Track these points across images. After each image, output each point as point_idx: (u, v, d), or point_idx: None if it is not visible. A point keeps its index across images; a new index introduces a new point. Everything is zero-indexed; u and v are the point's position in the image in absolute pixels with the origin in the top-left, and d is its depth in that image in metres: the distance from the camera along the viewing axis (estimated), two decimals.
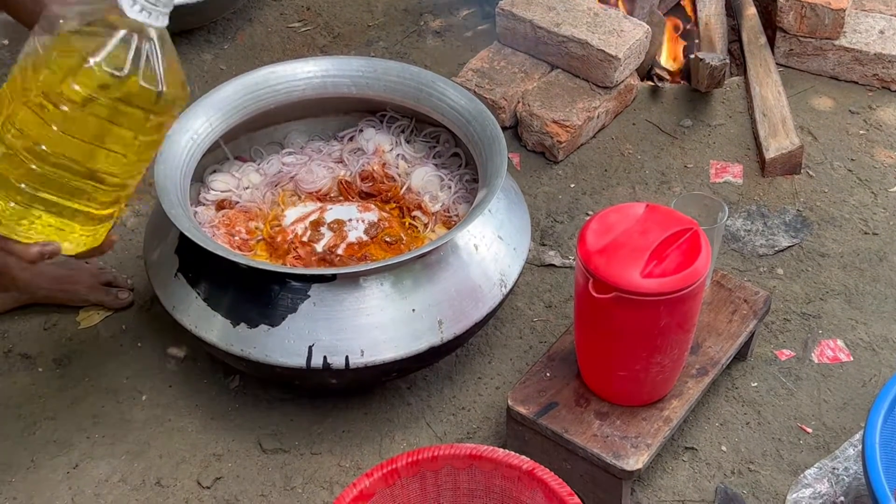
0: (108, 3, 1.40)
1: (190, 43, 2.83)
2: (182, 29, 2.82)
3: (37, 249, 1.47)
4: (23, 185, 1.44)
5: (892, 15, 2.77)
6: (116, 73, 1.38)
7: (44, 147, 1.41)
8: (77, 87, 1.38)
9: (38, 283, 2.07)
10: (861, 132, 2.58)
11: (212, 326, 1.77)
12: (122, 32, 1.38)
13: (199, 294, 1.79)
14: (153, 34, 1.41)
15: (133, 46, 1.39)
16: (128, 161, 1.48)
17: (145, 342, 2.06)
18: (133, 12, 1.37)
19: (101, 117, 1.41)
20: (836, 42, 2.69)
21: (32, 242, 1.47)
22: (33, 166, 1.42)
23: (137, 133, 1.45)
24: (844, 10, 2.65)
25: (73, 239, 1.52)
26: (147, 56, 1.40)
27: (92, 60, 1.37)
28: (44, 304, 2.10)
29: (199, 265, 1.81)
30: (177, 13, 2.70)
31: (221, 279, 1.79)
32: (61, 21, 1.40)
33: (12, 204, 1.45)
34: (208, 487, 1.82)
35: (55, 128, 1.40)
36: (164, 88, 1.43)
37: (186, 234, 1.74)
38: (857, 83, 2.71)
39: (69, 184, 1.45)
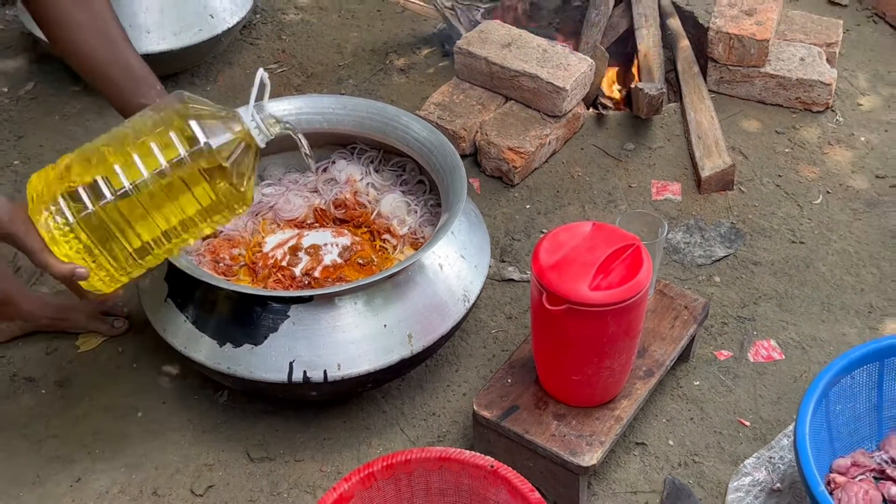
0: (230, 112, 1.52)
1: (176, 84, 2.82)
2: (168, 73, 2.81)
3: (70, 268, 1.47)
4: (72, 215, 1.46)
5: (811, 44, 2.79)
6: (224, 164, 1.47)
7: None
8: (186, 155, 1.46)
9: (40, 312, 2.05)
10: (786, 150, 2.60)
11: (200, 347, 1.76)
12: (240, 140, 1.50)
13: (187, 317, 1.78)
14: (256, 149, 1.53)
15: (241, 149, 1.50)
16: (181, 240, 1.54)
17: (140, 363, 2.05)
18: (254, 130, 1.52)
19: (180, 190, 1.47)
20: (762, 69, 2.71)
21: (68, 262, 1.47)
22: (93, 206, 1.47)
23: (205, 220, 1.53)
24: (768, 41, 2.68)
25: (94, 279, 1.52)
26: (245, 162, 1.51)
27: (206, 143, 1.46)
28: (45, 332, 2.08)
29: (186, 291, 1.80)
30: (163, 58, 2.73)
31: (208, 303, 1.78)
32: (191, 106, 1.49)
33: (60, 221, 1.46)
34: (201, 495, 1.81)
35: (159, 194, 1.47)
36: (245, 190, 1.52)
37: (174, 262, 1.73)
38: (781, 106, 2.73)
39: (111, 231, 1.47)
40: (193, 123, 1.46)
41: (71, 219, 1.45)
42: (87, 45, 1.66)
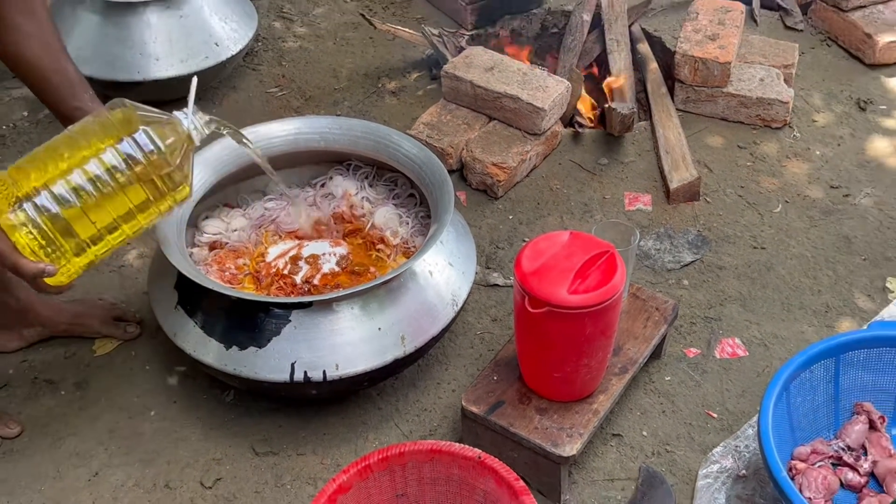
0: (169, 117, 1.60)
1: (183, 108, 2.81)
2: (176, 97, 2.80)
3: (41, 267, 1.50)
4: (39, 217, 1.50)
5: (770, 66, 2.81)
6: (174, 162, 1.57)
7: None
8: (138, 156, 1.54)
9: (58, 318, 2.04)
10: (748, 164, 2.61)
11: (208, 350, 1.75)
12: (182, 141, 1.60)
13: (196, 323, 1.78)
14: (193, 147, 1.63)
15: (184, 148, 1.60)
16: (129, 228, 1.59)
17: (152, 365, 2.04)
18: (194, 133, 1.62)
19: (127, 186, 1.54)
20: (725, 90, 2.72)
21: (36, 260, 1.50)
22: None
23: (152, 211, 1.60)
24: (730, 63, 2.69)
25: (60, 268, 1.55)
26: (186, 159, 1.61)
27: (162, 144, 1.55)
28: (63, 337, 2.07)
29: (195, 298, 1.80)
30: (171, 84, 2.73)
31: (215, 309, 1.77)
32: (136, 113, 1.56)
33: (30, 224, 1.49)
34: (210, 487, 1.80)
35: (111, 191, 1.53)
36: (186, 184, 1.61)
37: (184, 272, 1.73)
38: (743, 123, 2.74)
39: (69, 227, 1.52)
40: (144, 128, 1.53)
41: (36, 218, 1.48)
42: (31, 52, 1.70)
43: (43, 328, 2.05)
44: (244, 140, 1.84)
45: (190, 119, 1.61)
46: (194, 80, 1.67)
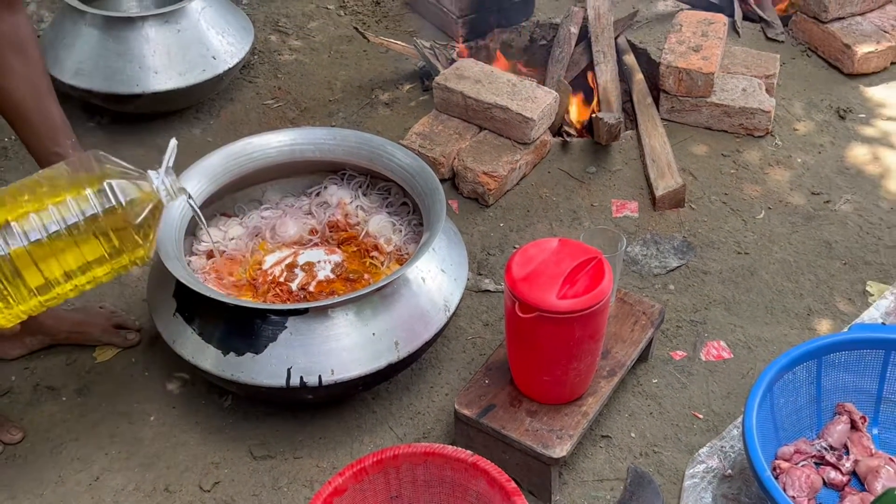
0: (142, 174, 1.50)
1: (181, 120, 2.81)
2: (174, 109, 2.80)
3: None
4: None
5: (752, 76, 2.82)
6: (132, 220, 1.46)
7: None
8: (97, 212, 1.43)
9: (59, 326, 2.03)
10: (731, 171, 2.61)
11: (206, 356, 1.75)
12: (148, 200, 1.49)
13: (194, 330, 1.77)
14: (161, 208, 1.52)
15: (148, 208, 1.49)
16: (81, 283, 1.49)
17: (152, 372, 2.03)
18: (163, 193, 1.51)
19: (84, 241, 1.44)
20: (708, 99, 2.73)
21: None
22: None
23: (106, 267, 1.49)
24: (713, 74, 2.69)
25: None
26: (151, 219, 1.50)
27: (122, 200, 1.44)
28: (64, 345, 2.06)
29: (193, 306, 1.79)
30: (170, 96, 2.73)
31: (212, 316, 1.77)
32: (106, 166, 1.47)
33: None
34: (208, 491, 1.79)
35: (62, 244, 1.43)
36: (147, 245, 1.50)
37: (182, 280, 1.72)
38: (726, 132, 2.75)
39: (11, 272, 1.43)
40: (109, 182, 1.44)
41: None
42: (18, 91, 1.65)
43: (44, 336, 2.04)
44: (201, 222, 1.77)
45: (161, 179, 1.51)
46: (173, 141, 1.58)
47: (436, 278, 1.86)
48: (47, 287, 1.46)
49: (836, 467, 1.73)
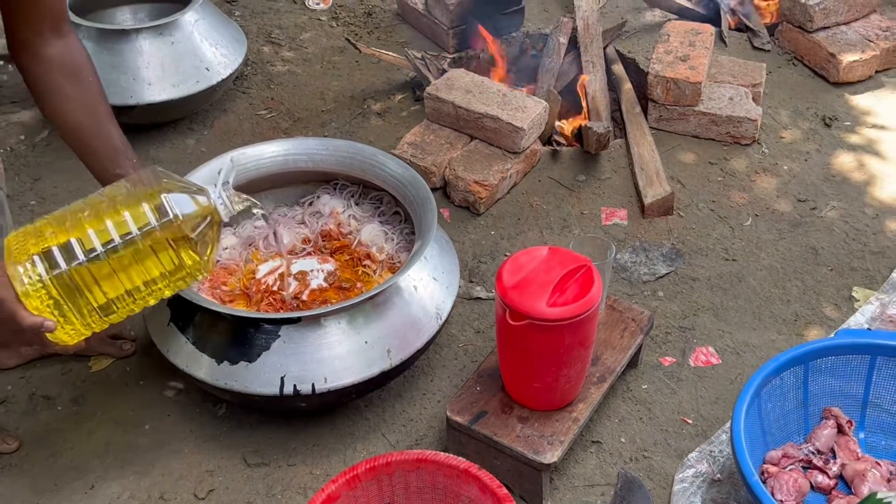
0: (200, 187, 1.50)
1: (176, 130, 2.81)
2: (168, 120, 2.81)
3: (39, 321, 1.42)
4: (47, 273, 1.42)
5: (738, 85, 2.83)
6: (190, 235, 1.46)
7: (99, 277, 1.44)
8: (155, 225, 1.44)
9: None
10: (719, 179, 2.62)
11: (200, 365, 1.75)
12: (206, 214, 1.49)
13: (188, 339, 1.77)
14: (220, 223, 1.52)
15: (206, 222, 1.49)
16: (143, 300, 1.51)
17: (146, 381, 2.03)
18: (220, 207, 1.50)
19: (147, 257, 1.45)
20: (696, 108, 2.74)
21: (38, 314, 1.43)
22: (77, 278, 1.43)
23: (167, 283, 1.51)
24: (701, 83, 2.71)
25: (60, 332, 1.47)
26: (209, 234, 1.50)
27: (176, 214, 1.45)
28: (60, 354, 2.06)
29: (187, 315, 1.79)
30: (164, 107, 2.73)
31: (207, 326, 1.77)
32: (164, 181, 1.47)
33: (36, 278, 1.42)
34: (203, 499, 1.79)
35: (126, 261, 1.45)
36: (206, 259, 1.51)
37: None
38: (714, 140, 2.76)
39: (79, 290, 1.44)
40: (165, 196, 1.45)
41: (44, 275, 1.41)
42: (74, 117, 1.64)
43: (40, 346, 2.03)
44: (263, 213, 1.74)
45: (218, 192, 1.50)
46: (232, 158, 1.58)
47: (428, 286, 1.87)
48: (109, 305, 1.47)
49: (823, 471, 1.74)
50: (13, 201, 2.50)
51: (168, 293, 1.53)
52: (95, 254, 1.42)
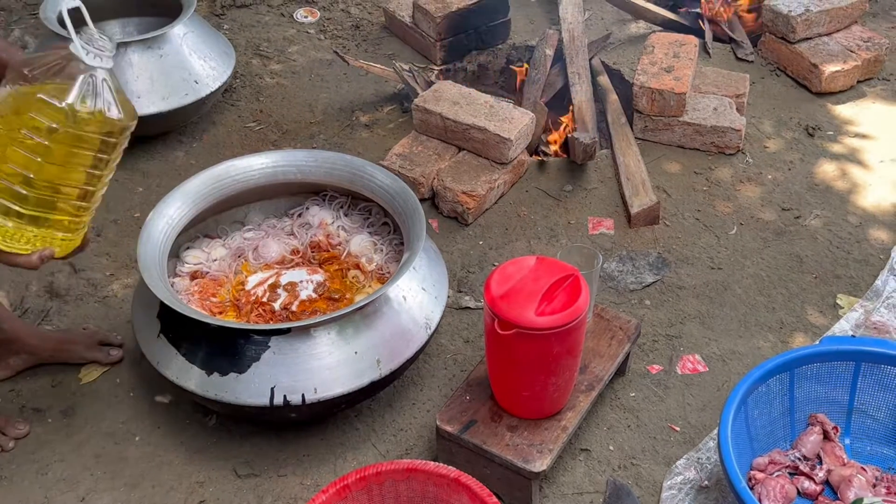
0: (66, 53, 1.45)
1: (164, 143, 2.81)
2: (157, 133, 2.80)
3: (37, 256, 1.49)
4: (16, 207, 1.46)
5: (722, 95, 2.85)
6: (81, 109, 1.43)
7: (31, 175, 1.44)
8: (56, 125, 1.42)
9: (43, 345, 2.03)
10: (704, 188, 2.64)
11: (190, 377, 1.74)
12: (81, 77, 1.44)
13: (178, 351, 1.77)
14: (105, 75, 1.46)
15: (92, 85, 1.45)
16: (98, 175, 1.52)
17: (136, 392, 2.02)
18: (89, 59, 1.44)
19: (74, 144, 1.45)
20: (681, 119, 2.75)
21: (29, 252, 1.48)
22: (23, 191, 1.45)
23: (102, 152, 1.50)
24: (685, 94, 2.72)
25: (57, 244, 1.52)
26: (101, 91, 1.46)
27: (65, 103, 1.42)
28: (49, 364, 2.05)
29: (177, 327, 1.79)
30: (153, 120, 2.72)
31: (196, 337, 1.76)
32: (28, 71, 1.43)
33: (10, 224, 1.46)
34: None
35: (39, 159, 1.44)
36: (120, 115, 1.49)
37: (166, 302, 1.72)
38: (699, 150, 2.77)
39: (51, 201, 1.47)
40: (42, 95, 1.42)
41: (16, 209, 1.45)
42: None
43: (28, 356, 2.03)
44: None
45: (79, 45, 1.43)
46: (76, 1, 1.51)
47: (417, 296, 1.87)
48: (85, 194, 1.50)
49: (809, 477, 1.75)
50: None
51: (117, 157, 1.54)
52: (38, 161, 1.43)
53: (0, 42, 1.61)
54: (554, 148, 2.80)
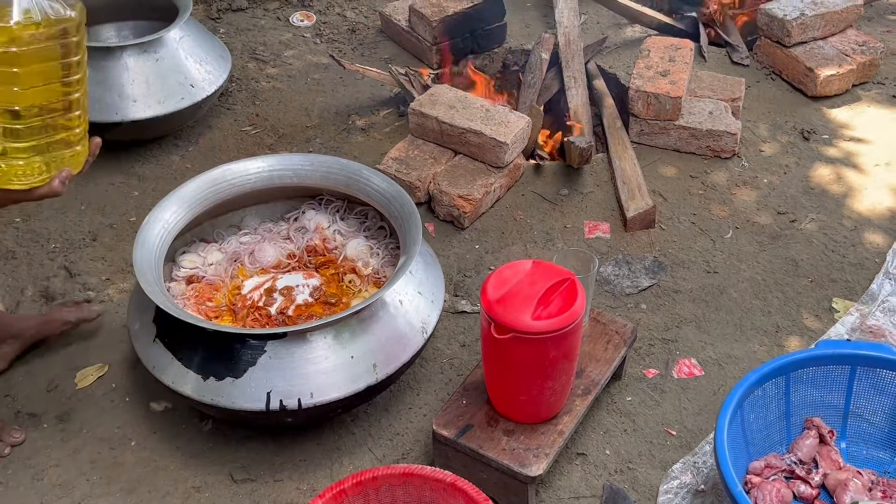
0: None
1: (160, 147, 2.81)
2: (154, 136, 2.80)
3: (57, 181, 1.52)
4: (15, 144, 1.48)
5: (718, 99, 2.85)
6: (28, 22, 1.44)
7: (18, 108, 1.47)
8: (14, 49, 1.43)
9: (27, 325, 2.05)
10: (700, 192, 2.64)
11: (186, 381, 1.74)
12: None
13: (174, 355, 1.76)
14: None
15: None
16: (75, 80, 1.53)
17: (132, 397, 2.01)
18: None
19: (40, 59, 1.46)
20: (676, 122, 2.76)
21: (48, 181, 1.51)
22: (17, 126, 1.47)
23: (66, 56, 1.50)
24: (681, 98, 2.73)
25: (67, 162, 1.55)
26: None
27: (13, 22, 1.43)
28: (38, 345, 2.08)
29: (173, 331, 1.78)
30: (149, 124, 2.72)
31: (192, 342, 1.76)
32: None
33: (20, 162, 1.48)
34: None
35: (16, 88, 1.45)
36: (67, 11, 1.48)
37: (161, 306, 1.72)
38: (694, 154, 2.78)
39: (43, 125, 1.49)
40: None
41: (15, 146, 1.47)
42: None
43: (14, 339, 2.03)
44: None
45: None
46: None
47: (413, 301, 1.87)
48: (73, 104, 1.51)
49: (805, 481, 1.75)
50: None
51: (81, 53, 1.54)
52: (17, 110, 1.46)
53: None
54: (547, 151, 2.80)
